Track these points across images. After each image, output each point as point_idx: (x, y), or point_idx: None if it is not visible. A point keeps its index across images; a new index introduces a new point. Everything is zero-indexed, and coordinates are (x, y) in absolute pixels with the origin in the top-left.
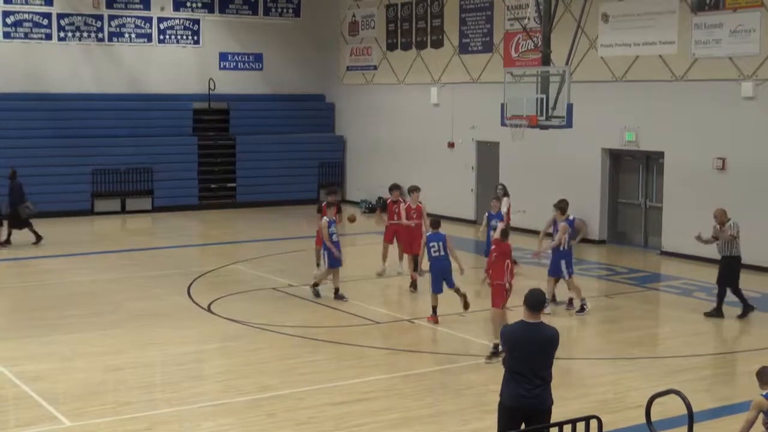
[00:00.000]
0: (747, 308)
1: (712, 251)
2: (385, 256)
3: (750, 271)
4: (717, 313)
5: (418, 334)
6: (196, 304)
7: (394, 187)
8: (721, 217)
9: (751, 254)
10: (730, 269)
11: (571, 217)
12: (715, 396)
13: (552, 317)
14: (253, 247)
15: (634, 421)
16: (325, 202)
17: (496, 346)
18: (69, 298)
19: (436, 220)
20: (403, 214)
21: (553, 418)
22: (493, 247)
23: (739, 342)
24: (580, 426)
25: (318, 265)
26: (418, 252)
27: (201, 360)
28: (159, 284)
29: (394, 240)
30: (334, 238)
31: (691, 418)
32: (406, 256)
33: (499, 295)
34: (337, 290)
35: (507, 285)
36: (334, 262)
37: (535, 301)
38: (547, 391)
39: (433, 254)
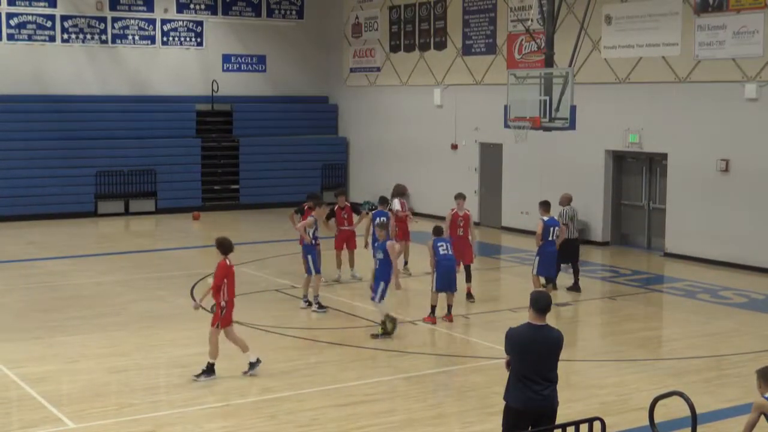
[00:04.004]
0: (576, 286)
1: (716, 253)
2: (339, 263)
3: (756, 272)
4: (575, 287)
5: (421, 335)
6: (200, 305)
7: (341, 193)
8: (563, 203)
9: (755, 255)
10: (574, 249)
11: (545, 219)
12: (718, 398)
13: (553, 319)
14: (256, 249)
15: (638, 422)
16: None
17: (209, 366)
18: (72, 300)
19: (438, 228)
20: (354, 219)
21: (557, 420)
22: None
23: (741, 344)
24: (584, 428)
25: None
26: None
27: (204, 362)
28: (162, 286)
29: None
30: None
31: (694, 419)
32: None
33: (215, 315)
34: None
35: (223, 304)
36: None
37: (543, 304)
38: (555, 392)
39: (441, 252)
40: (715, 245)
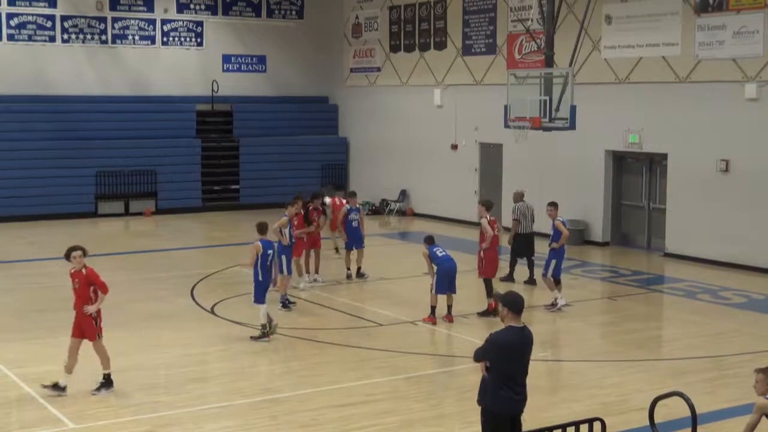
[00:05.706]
0: (531, 279)
1: (716, 253)
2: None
3: (756, 272)
4: (531, 281)
5: (421, 336)
6: (200, 306)
7: (317, 195)
8: (516, 200)
9: (755, 255)
10: (530, 243)
11: (560, 219)
12: (718, 398)
13: (553, 319)
14: None
15: (638, 423)
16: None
17: (107, 378)
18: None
19: (430, 237)
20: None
21: (558, 420)
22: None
23: (741, 344)
24: (584, 428)
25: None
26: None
27: (204, 362)
28: (162, 286)
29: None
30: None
31: (694, 420)
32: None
33: (93, 327)
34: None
35: (95, 314)
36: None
37: (520, 305)
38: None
39: (440, 255)
40: (715, 245)
